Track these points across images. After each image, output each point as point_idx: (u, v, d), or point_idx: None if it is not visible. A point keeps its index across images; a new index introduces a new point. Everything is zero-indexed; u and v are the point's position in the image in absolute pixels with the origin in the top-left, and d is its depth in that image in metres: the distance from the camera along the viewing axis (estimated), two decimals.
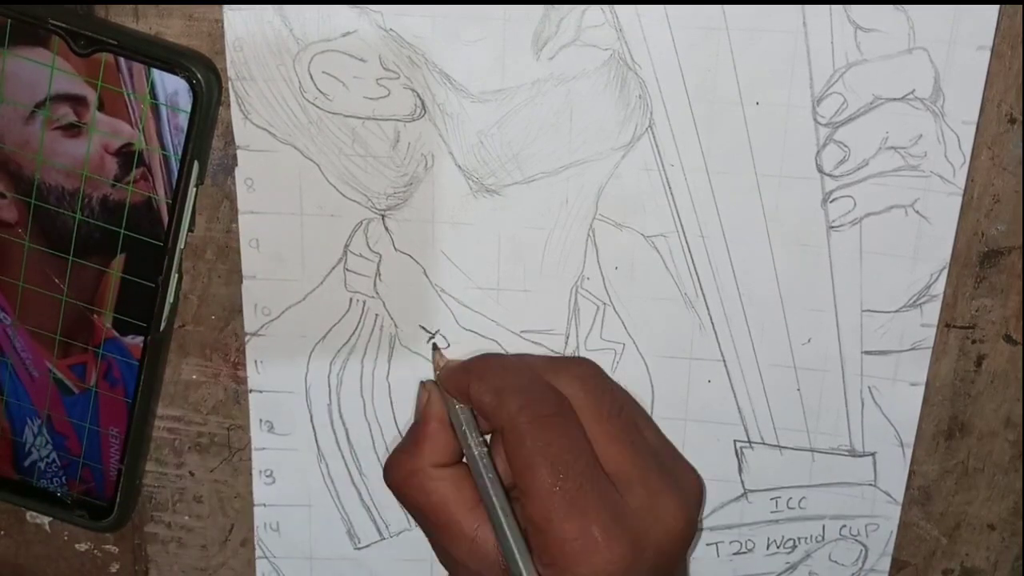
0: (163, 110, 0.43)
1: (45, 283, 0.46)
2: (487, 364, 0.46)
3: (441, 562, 0.46)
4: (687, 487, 0.46)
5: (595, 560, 0.41)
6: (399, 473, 0.45)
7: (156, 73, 0.42)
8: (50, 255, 0.45)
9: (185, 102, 0.43)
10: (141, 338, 0.46)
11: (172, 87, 0.42)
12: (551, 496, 0.41)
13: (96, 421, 0.47)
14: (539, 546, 0.42)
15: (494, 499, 0.44)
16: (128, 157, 0.43)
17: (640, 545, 0.42)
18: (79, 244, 0.45)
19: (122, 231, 0.44)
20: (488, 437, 0.46)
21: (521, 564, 0.42)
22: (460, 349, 0.48)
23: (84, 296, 0.45)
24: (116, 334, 0.46)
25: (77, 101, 0.43)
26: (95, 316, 0.46)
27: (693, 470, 0.48)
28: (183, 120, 0.43)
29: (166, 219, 0.44)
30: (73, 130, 0.43)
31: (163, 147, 0.43)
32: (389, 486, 0.46)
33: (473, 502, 0.44)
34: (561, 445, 0.42)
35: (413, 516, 0.46)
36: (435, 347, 0.48)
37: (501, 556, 0.43)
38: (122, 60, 0.42)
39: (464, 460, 0.46)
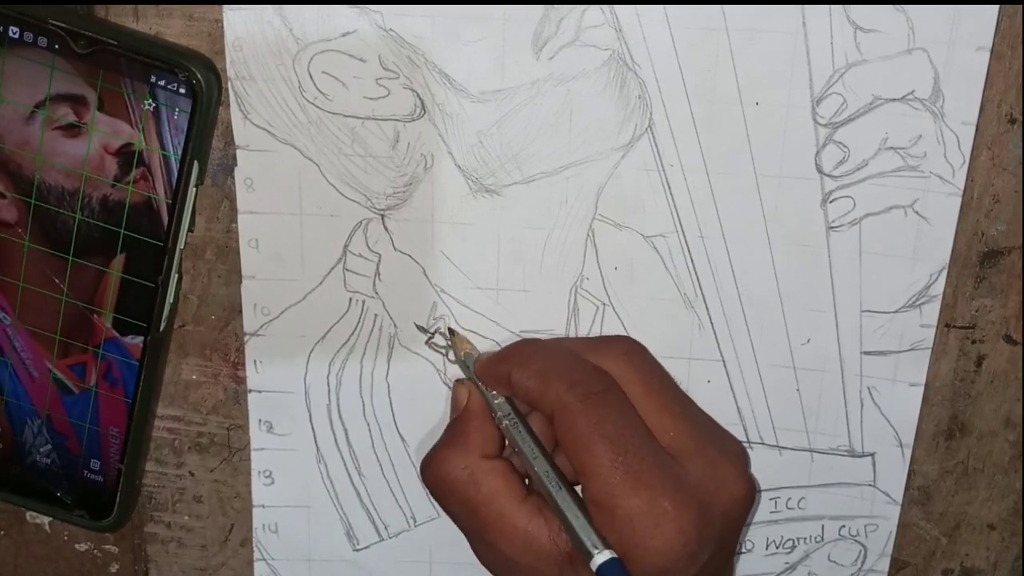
0: (163, 110, 0.43)
1: (45, 283, 0.46)
2: (526, 350, 0.45)
3: (485, 563, 0.45)
4: (740, 455, 0.45)
5: (667, 530, 0.40)
6: (447, 468, 0.44)
7: (156, 73, 0.42)
8: (50, 255, 0.45)
9: (185, 102, 0.43)
10: (141, 338, 0.46)
11: (172, 87, 0.42)
12: (613, 472, 0.41)
13: (96, 421, 0.47)
14: (605, 525, 0.41)
15: (549, 484, 0.42)
16: (128, 157, 0.43)
17: (708, 512, 0.41)
18: (79, 244, 0.45)
19: (122, 231, 0.44)
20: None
21: (591, 541, 0.41)
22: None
23: (84, 296, 0.45)
24: (116, 334, 0.46)
25: (77, 101, 0.43)
26: (95, 316, 0.46)
27: (736, 440, 0.47)
28: (183, 120, 0.43)
29: (166, 219, 0.44)
30: (73, 130, 0.43)
31: (163, 147, 0.43)
32: (432, 484, 0.45)
33: (523, 495, 0.43)
34: (615, 421, 0.41)
35: (458, 514, 0.45)
36: (452, 331, 0.47)
37: (558, 547, 0.42)
38: (122, 60, 0.42)
39: (506, 454, 0.45)
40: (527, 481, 0.45)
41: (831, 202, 0.46)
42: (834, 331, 0.48)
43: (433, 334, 0.48)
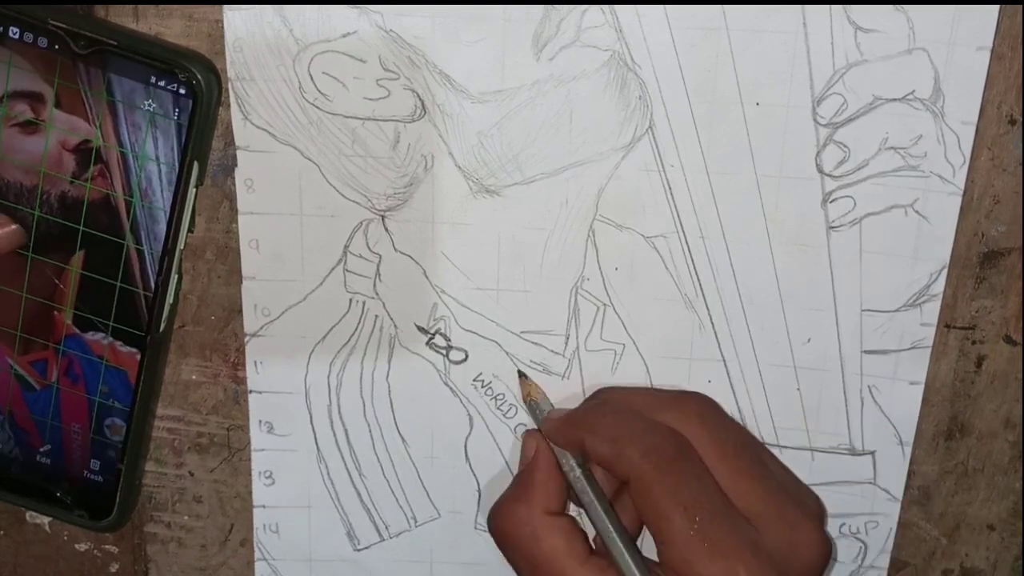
0: (120, 107, 0.43)
1: (5, 280, 0.46)
2: (597, 414, 0.45)
3: None
4: (817, 512, 0.45)
5: None
6: (510, 521, 0.44)
7: (156, 74, 0.42)
8: (9, 251, 0.45)
9: (185, 103, 0.42)
10: (101, 334, 0.46)
11: (172, 88, 0.42)
12: (689, 540, 0.41)
13: (58, 417, 0.47)
14: None
15: (616, 545, 0.43)
16: (86, 154, 0.43)
17: None
18: (38, 240, 0.45)
19: (81, 228, 0.44)
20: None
21: None
22: (460, 347, 0.48)
23: (44, 292, 0.45)
24: (77, 331, 0.46)
25: (34, 98, 0.43)
26: (55, 312, 0.46)
27: (814, 494, 0.47)
28: (183, 120, 0.43)
29: (124, 216, 0.44)
30: (31, 127, 0.43)
31: (120, 144, 0.43)
32: (495, 534, 0.45)
33: (584, 555, 0.43)
34: (691, 487, 0.41)
35: (518, 567, 0.45)
36: (521, 375, 0.48)
37: None
38: (119, 60, 0.42)
39: (570, 512, 0.45)
40: (593, 538, 0.45)
41: (831, 202, 0.46)
42: (834, 330, 0.48)
43: (433, 335, 0.48)
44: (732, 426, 0.46)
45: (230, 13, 0.43)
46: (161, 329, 0.46)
